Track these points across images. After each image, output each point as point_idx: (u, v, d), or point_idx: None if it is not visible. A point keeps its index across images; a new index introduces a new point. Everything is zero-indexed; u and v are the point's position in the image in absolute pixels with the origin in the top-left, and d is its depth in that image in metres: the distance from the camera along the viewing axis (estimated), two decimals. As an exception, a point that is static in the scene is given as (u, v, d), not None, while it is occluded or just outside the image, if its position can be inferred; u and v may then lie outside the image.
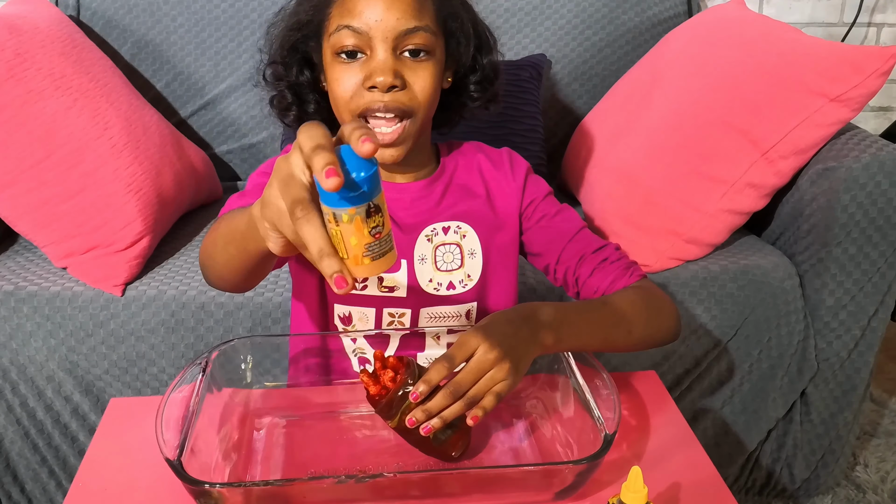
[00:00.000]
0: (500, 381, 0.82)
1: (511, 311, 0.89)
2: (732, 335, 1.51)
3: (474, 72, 1.08)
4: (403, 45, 0.96)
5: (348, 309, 1.09)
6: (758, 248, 1.58)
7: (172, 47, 1.87)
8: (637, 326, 0.99)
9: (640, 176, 1.52)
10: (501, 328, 0.85)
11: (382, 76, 0.94)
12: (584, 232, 1.10)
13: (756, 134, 1.43)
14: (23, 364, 1.41)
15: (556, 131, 1.95)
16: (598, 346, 0.95)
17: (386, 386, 0.86)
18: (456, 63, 1.06)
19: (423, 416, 0.82)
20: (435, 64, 0.99)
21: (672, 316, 1.04)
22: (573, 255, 1.08)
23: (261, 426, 0.97)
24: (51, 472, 1.50)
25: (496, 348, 0.82)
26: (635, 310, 0.99)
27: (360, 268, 0.65)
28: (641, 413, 1.01)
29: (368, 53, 0.96)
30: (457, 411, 0.82)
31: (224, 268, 0.88)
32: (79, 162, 1.41)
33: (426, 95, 0.98)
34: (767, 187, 1.47)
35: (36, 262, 1.51)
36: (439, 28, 1.00)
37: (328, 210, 0.61)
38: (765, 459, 1.64)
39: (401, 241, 1.07)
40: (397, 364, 0.87)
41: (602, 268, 1.06)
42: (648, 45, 1.86)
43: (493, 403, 0.82)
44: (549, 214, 1.11)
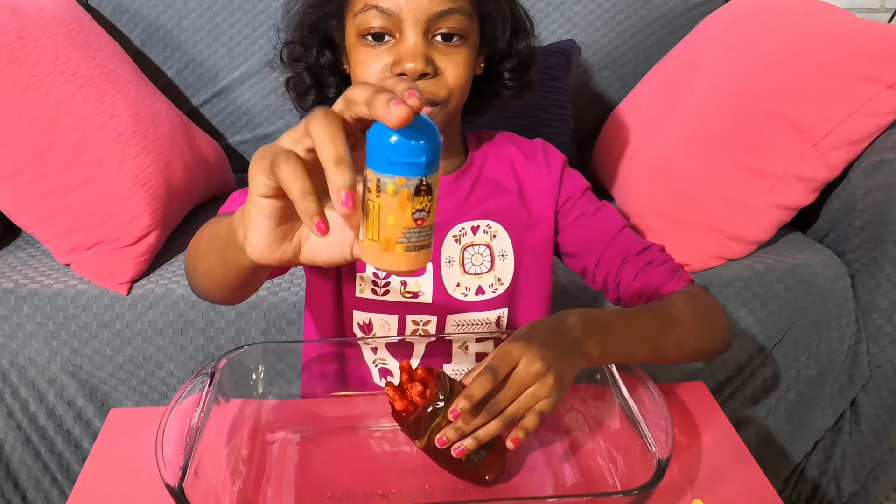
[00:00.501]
0: (542, 398, 0.75)
1: (553, 318, 0.82)
2: (778, 339, 1.42)
3: (509, 58, 1.00)
4: (436, 29, 0.88)
5: (368, 316, 1.01)
6: (805, 245, 1.49)
7: (184, 33, 1.79)
8: (688, 336, 0.91)
9: (679, 169, 1.43)
10: (544, 338, 0.77)
11: (413, 62, 0.86)
12: (626, 232, 1.02)
13: (805, 123, 1.34)
14: (23, 366, 1.34)
15: (585, 121, 1.87)
16: (645, 357, 0.87)
17: (414, 401, 0.79)
18: (490, 48, 0.98)
19: (455, 435, 0.75)
20: (469, 49, 0.91)
21: (723, 325, 0.96)
22: (615, 257, 1.00)
23: (273, 442, 0.89)
24: (53, 480, 1.43)
25: (539, 361, 0.74)
26: (686, 318, 0.91)
27: (388, 255, 0.55)
28: (691, 429, 0.92)
29: (397, 36, 0.88)
30: (494, 431, 0.75)
31: (205, 278, 0.80)
32: (83, 151, 1.34)
33: (459, 83, 0.91)
34: (817, 181, 1.37)
35: (38, 258, 1.44)
36: (474, 10, 0.92)
37: (372, 175, 0.52)
38: (811, 472, 1.55)
39: None
40: (426, 377, 0.79)
41: (647, 271, 0.98)
42: (684, 31, 1.77)
43: (535, 423, 0.75)
44: (587, 212, 1.03)
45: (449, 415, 0.74)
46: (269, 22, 1.78)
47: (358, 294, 1.00)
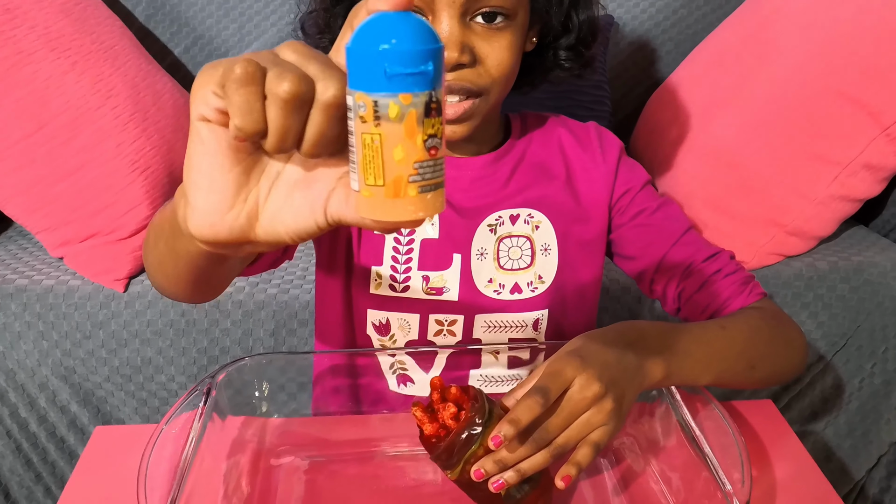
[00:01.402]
0: (598, 427, 0.66)
1: (610, 330, 0.73)
2: (842, 345, 1.33)
3: (567, 33, 0.88)
4: (476, 9, 0.78)
5: (385, 315, 0.91)
6: (871, 241, 1.39)
7: (192, 7, 1.71)
8: (761, 360, 0.82)
9: (732, 155, 1.32)
10: (602, 356, 0.68)
11: (447, 51, 0.76)
12: (691, 234, 0.91)
13: (875, 105, 1.22)
14: (11, 369, 1.27)
15: (623, 103, 1.77)
16: (712, 381, 0.77)
17: (446, 425, 0.68)
18: (543, 22, 0.86)
19: (495, 467, 0.65)
20: (515, 30, 0.81)
21: (800, 348, 0.87)
22: (678, 264, 0.89)
23: (277, 468, 0.80)
24: (47, 491, 1.36)
25: (596, 382, 0.66)
26: (761, 340, 0.82)
27: (398, 202, 0.41)
28: (762, 457, 0.80)
29: (430, 17, 0.77)
30: (540, 464, 0.66)
31: (157, 272, 0.68)
32: (76, 135, 1.25)
33: (502, 72, 0.81)
34: (887, 169, 1.26)
35: (30, 250, 1.37)
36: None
37: (365, 98, 0.39)
38: (872, 489, 1.45)
39: (457, 230, 0.89)
40: (461, 396, 0.69)
41: (714, 281, 0.88)
42: (731, 5, 1.66)
43: (590, 456, 0.66)
44: (648, 210, 0.92)
45: (490, 442, 0.64)
46: (282, -4, 1.69)
47: (373, 291, 0.90)
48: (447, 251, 0.90)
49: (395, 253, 0.90)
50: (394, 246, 0.90)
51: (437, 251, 0.90)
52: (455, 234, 0.90)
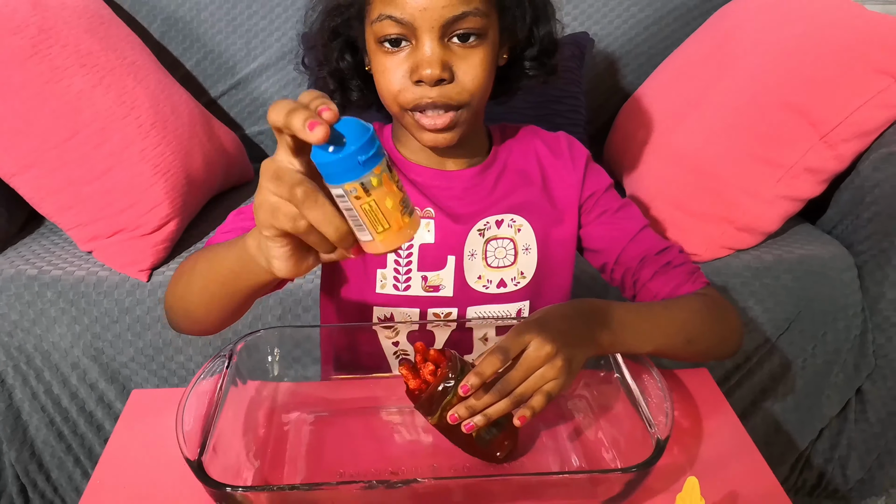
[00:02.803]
0: (551, 380, 0.77)
1: (567, 305, 0.84)
2: (785, 329, 1.44)
3: (531, 46, 0.99)
4: (451, 31, 0.88)
5: (390, 311, 1.02)
6: (814, 237, 1.51)
7: (203, 24, 1.83)
8: (699, 337, 0.93)
9: (691, 159, 1.45)
10: (557, 323, 0.79)
11: (429, 69, 0.87)
12: (646, 231, 1.03)
13: (816, 115, 1.36)
14: (47, 350, 1.38)
15: (599, 112, 1.89)
16: (653, 350, 0.89)
17: (426, 380, 0.81)
18: (512, 39, 0.98)
19: (466, 412, 0.77)
20: (487, 47, 0.91)
21: (736, 330, 0.98)
22: (634, 256, 1.01)
23: (288, 422, 0.92)
24: (76, 461, 1.47)
25: (549, 344, 0.77)
26: (699, 319, 0.93)
27: (401, 231, 0.60)
28: (693, 415, 0.94)
29: (414, 42, 0.89)
30: (502, 409, 0.77)
31: (202, 310, 0.84)
32: (104, 141, 1.37)
33: (477, 85, 0.91)
34: (826, 172, 1.39)
35: (61, 245, 1.48)
36: (491, 5, 0.91)
37: (354, 185, 0.57)
38: (817, 459, 1.57)
39: (451, 234, 1.01)
40: (439, 357, 0.82)
41: (664, 272, 0.99)
42: (697, 23, 1.79)
43: (542, 403, 0.77)
44: (610, 209, 1.04)
45: (459, 390, 0.76)
46: (287, 14, 1.81)
47: (378, 290, 1.01)
48: (443, 253, 1.00)
49: (398, 257, 1.00)
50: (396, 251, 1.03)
51: (434, 254, 1.00)
52: (449, 239, 1.00)
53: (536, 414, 0.77)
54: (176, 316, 0.90)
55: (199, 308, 0.84)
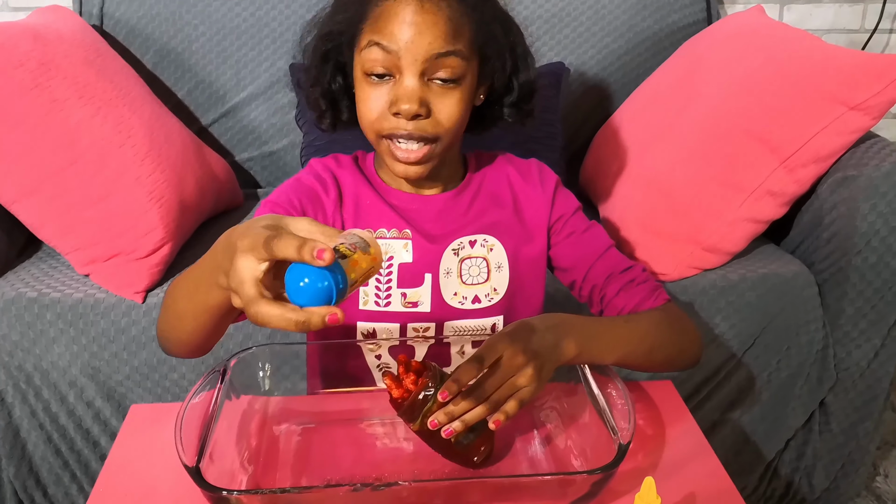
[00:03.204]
0: (523, 387, 0.83)
1: (537, 319, 0.90)
2: (751, 344, 1.50)
3: (509, 93, 1.06)
4: (433, 70, 0.94)
5: (372, 326, 1.08)
6: (777, 256, 1.57)
7: (194, 55, 1.89)
8: (659, 348, 1.00)
9: (661, 183, 1.52)
10: (527, 335, 0.86)
11: (408, 104, 0.93)
12: (611, 251, 1.10)
13: (776, 142, 1.42)
14: (46, 369, 1.43)
15: (575, 138, 1.95)
16: (616, 361, 0.95)
17: (408, 389, 0.87)
18: (490, 82, 1.04)
19: (445, 418, 0.83)
20: (464, 90, 0.97)
21: (694, 342, 1.05)
22: (600, 274, 1.08)
23: (279, 433, 0.98)
24: (73, 476, 1.51)
25: (521, 354, 0.83)
26: (659, 331, 1.00)
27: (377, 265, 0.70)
28: (657, 423, 1.01)
29: (397, 77, 0.95)
30: (479, 415, 0.82)
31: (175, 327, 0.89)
32: (102, 169, 1.42)
33: (452, 123, 0.97)
34: (787, 195, 1.46)
35: (59, 268, 1.53)
36: (474, 51, 0.97)
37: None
38: (784, 469, 1.63)
39: (427, 254, 1.07)
40: (420, 367, 0.88)
41: (628, 288, 1.06)
42: (668, 53, 1.85)
43: (515, 409, 0.83)
44: (578, 231, 1.11)
45: (438, 396, 0.82)
46: (275, 45, 1.87)
47: (362, 307, 1.07)
48: (420, 272, 1.06)
49: (378, 276, 1.06)
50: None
51: (412, 272, 1.06)
52: (426, 258, 1.06)
53: (510, 418, 0.83)
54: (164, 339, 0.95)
55: (173, 328, 0.90)
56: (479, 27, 0.97)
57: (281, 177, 1.94)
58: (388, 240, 1.07)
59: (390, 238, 1.07)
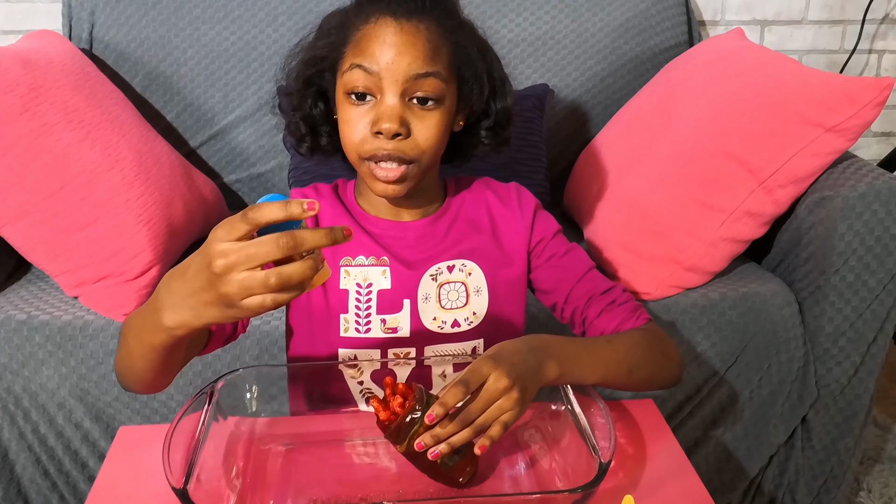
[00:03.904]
0: (507, 411, 0.84)
1: (519, 341, 0.91)
2: (732, 362, 1.52)
3: (486, 117, 1.08)
4: (413, 91, 0.97)
5: (354, 352, 1.09)
6: (757, 275, 1.59)
7: (183, 79, 1.91)
8: (639, 368, 1.01)
9: (641, 204, 1.54)
10: (511, 357, 0.87)
11: (388, 122, 0.95)
12: (592, 273, 1.11)
13: (754, 163, 1.45)
14: (34, 391, 1.44)
15: (559, 160, 1.98)
16: (599, 380, 0.97)
17: (395, 411, 0.88)
18: (469, 108, 1.06)
19: (431, 440, 0.84)
20: (443, 112, 0.99)
21: (675, 361, 1.06)
22: (581, 296, 1.09)
23: (265, 454, 0.99)
24: (61, 498, 1.52)
25: (505, 378, 0.83)
26: (639, 352, 1.02)
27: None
28: (638, 442, 1.02)
29: (378, 97, 0.97)
30: (464, 438, 0.83)
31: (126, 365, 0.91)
32: (91, 193, 1.44)
33: (430, 145, 0.99)
34: (766, 216, 1.48)
35: (48, 291, 1.54)
36: (452, 74, 1.00)
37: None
38: (767, 485, 1.65)
39: (405, 280, 1.08)
40: (406, 390, 0.89)
41: (610, 310, 1.07)
42: (650, 75, 1.89)
43: (499, 433, 0.84)
44: (558, 254, 1.12)
45: (426, 419, 0.83)
46: (263, 69, 1.90)
47: (342, 334, 1.08)
48: (398, 298, 1.08)
49: (357, 302, 1.07)
50: (356, 297, 1.08)
51: (391, 298, 1.07)
52: (404, 284, 1.07)
53: (495, 442, 0.84)
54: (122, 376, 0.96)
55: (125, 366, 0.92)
56: (456, 50, 1.00)
57: (269, 198, 1.96)
58: (367, 267, 1.08)
59: (368, 265, 1.08)
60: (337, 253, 1.08)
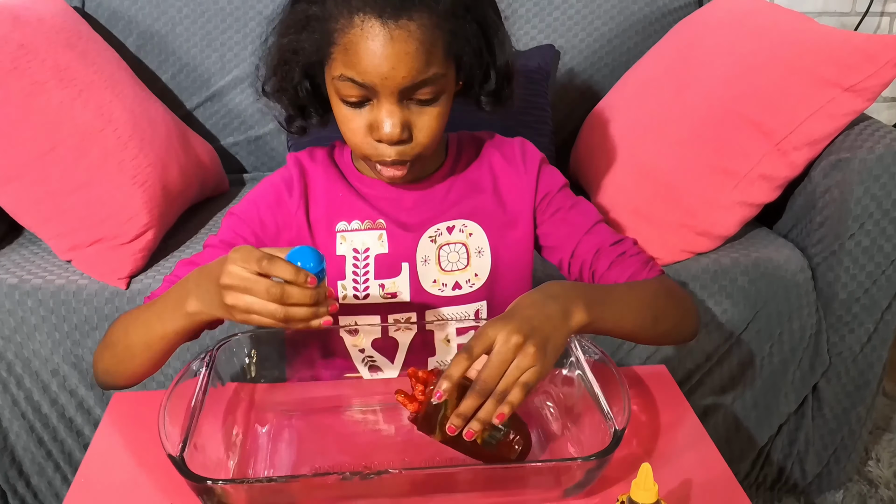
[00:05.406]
0: (527, 368, 0.78)
1: (536, 291, 0.86)
2: (743, 329, 1.49)
3: (486, 81, 1.01)
4: (410, 94, 0.92)
5: (353, 319, 1.07)
6: (770, 240, 1.56)
7: (178, 39, 1.86)
8: (663, 315, 0.97)
9: (651, 168, 1.50)
10: (523, 312, 0.81)
11: (390, 129, 0.92)
12: (600, 225, 1.08)
13: (768, 125, 1.41)
14: (27, 358, 1.41)
15: (565, 123, 1.93)
16: (628, 331, 0.93)
17: (420, 401, 0.83)
18: (468, 75, 1.00)
19: (459, 421, 0.78)
20: (442, 104, 0.95)
21: (693, 313, 1.03)
22: (589, 249, 1.05)
23: (265, 421, 0.97)
24: (56, 466, 1.49)
25: (516, 334, 0.78)
26: (661, 299, 0.98)
27: None
28: (652, 409, 0.99)
29: (374, 101, 0.93)
30: (490, 410, 0.77)
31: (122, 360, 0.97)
32: (84, 154, 1.40)
33: (432, 138, 0.96)
34: (780, 179, 1.45)
35: (41, 255, 1.50)
36: (450, 62, 0.94)
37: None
38: (776, 455, 1.63)
39: (403, 243, 1.05)
40: (429, 376, 0.84)
41: (620, 261, 1.03)
42: (658, 36, 1.84)
43: (520, 396, 0.77)
44: (564, 207, 1.08)
45: (433, 398, 0.78)
46: (260, 28, 1.81)
47: (340, 301, 1.05)
48: (396, 262, 1.05)
49: (355, 268, 1.05)
50: (353, 263, 1.05)
51: (389, 262, 1.05)
52: (402, 247, 1.05)
53: (516, 407, 0.77)
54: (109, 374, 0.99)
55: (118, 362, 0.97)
56: (452, 37, 0.92)
57: (267, 161, 1.92)
58: (363, 231, 1.05)
59: (364, 230, 1.05)
60: (332, 218, 1.05)
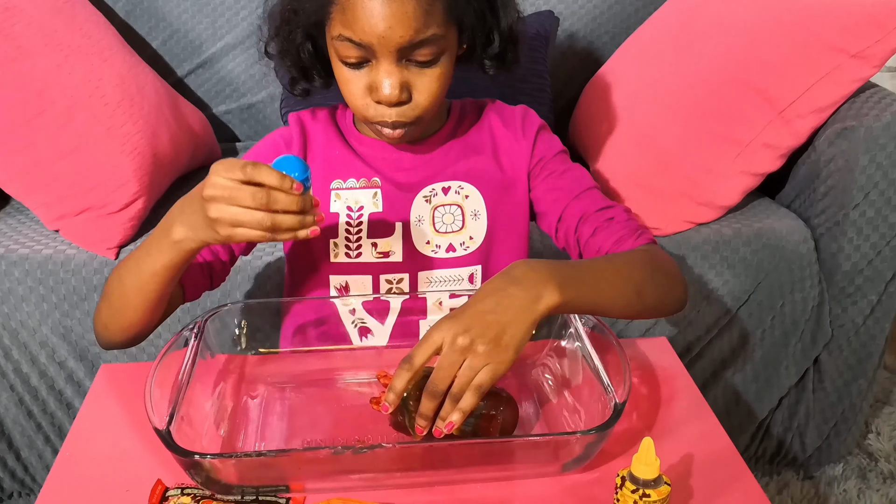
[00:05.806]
0: (481, 368, 0.76)
1: (498, 276, 0.82)
2: (745, 301, 1.47)
3: (490, 44, 1.00)
4: (409, 55, 0.91)
5: (345, 279, 1.06)
6: (772, 210, 1.53)
7: (168, 4, 1.81)
8: (647, 288, 0.93)
9: (652, 137, 1.47)
10: (475, 306, 0.79)
11: (389, 90, 0.91)
12: (592, 192, 1.04)
13: (772, 92, 1.38)
14: (15, 329, 1.38)
15: (564, 91, 1.90)
16: (608, 308, 0.89)
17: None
18: (471, 38, 0.99)
19: (424, 422, 0.78)
20: (443, 65, 0.94)
21: (681, 284, 0.99)
22: (575, 214, 1.02)
23: (255, 393, 0.95)
24: (46, 440, 1.47)
25: (462, 334, 0.76)
26: (644, 270, 0.93)
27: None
28: (652, 382, 0.98)
29: (373, 62, 0.92)
30: (450, 411, 0.77)
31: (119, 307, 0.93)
32: (70, 121, 1.36)
33: (433, 100, 0.95)
34: (783, 148, 1.42)
35: (28, 224, 1.48)
36: (450, 24, 0.93)
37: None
38: (776, 428, 1.61)
39: (397, 202, 1.04)
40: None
41: (606, 227, 1.00)
42: (660, 2, 1.78)
43: (472, 402, 0.76)
44: (556, 172, 1.06)
45: (380, 409, 0.79)
46: (253, -7, 1.81)
47: (332, 259, 1.04)
48: (390, 220, 1.04)
49: (348, 226, 1.04)
50: (346, 220, 1.04)
51: (382, 222, 1.04)
52: (396, 206, 1.04)
53: (468, 413, 0.77)
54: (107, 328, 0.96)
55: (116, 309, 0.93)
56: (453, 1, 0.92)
57: (260, 130, 1.89)
58: (357, 189, 1.05)
59: (359, 188, 1.05)
60: (327, 176, 1.05)
